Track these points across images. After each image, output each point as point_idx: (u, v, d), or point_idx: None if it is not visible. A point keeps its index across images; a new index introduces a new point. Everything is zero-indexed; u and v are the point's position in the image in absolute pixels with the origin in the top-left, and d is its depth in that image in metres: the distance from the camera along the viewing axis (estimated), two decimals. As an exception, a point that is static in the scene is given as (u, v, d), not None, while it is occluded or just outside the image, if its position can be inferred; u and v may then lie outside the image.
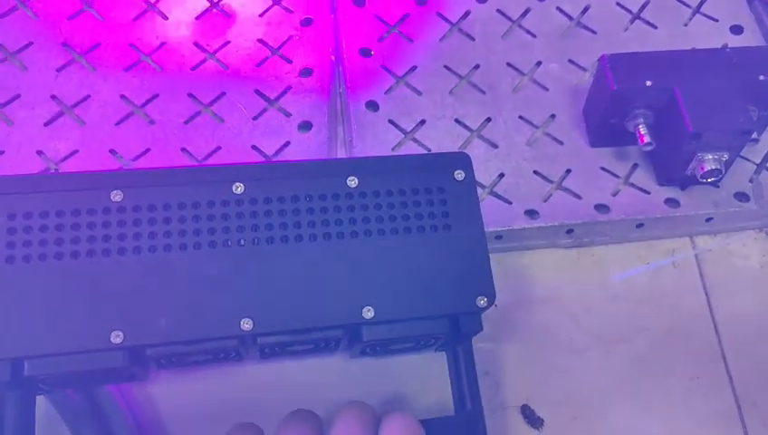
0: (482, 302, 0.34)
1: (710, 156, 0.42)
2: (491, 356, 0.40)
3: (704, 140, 0.41)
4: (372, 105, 0.47)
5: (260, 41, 0.49)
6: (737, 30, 0.52)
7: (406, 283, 0.34)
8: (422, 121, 0.47)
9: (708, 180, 0.43)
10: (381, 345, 0.35)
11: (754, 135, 0.41)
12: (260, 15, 0.50)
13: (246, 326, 0.32)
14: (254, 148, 0.45)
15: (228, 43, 0.49)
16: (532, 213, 0.44)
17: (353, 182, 0.35)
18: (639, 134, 0.43)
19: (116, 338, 0.31)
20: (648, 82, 0.41)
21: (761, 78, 0.42)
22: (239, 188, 0.34)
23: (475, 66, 0.49)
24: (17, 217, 0.32)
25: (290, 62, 0.48)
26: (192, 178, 0.34)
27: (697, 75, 0.42)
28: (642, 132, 0.43)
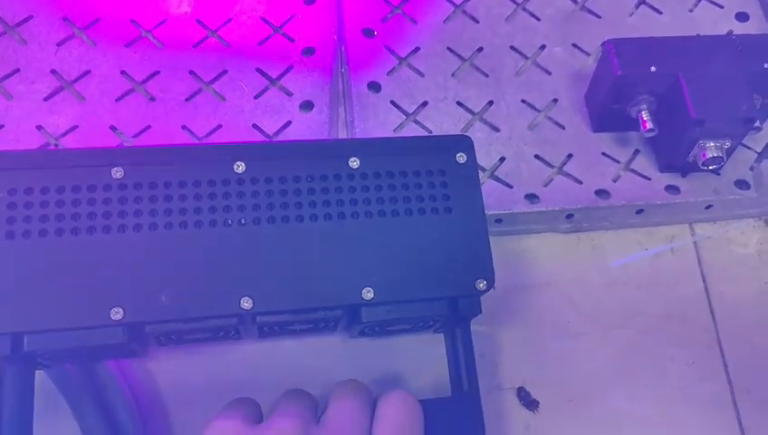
0: (481, 285, 0.34)
1: (712, 143, 0.42)
2: (488, 339, 0.40)
3: (706, 127, 0.41)
4: (374, 86, 0.47)
5: (262, 19, 0.49)
6: (743, 17, 0.52)
7: (406, 264, 0.34)
8: (424, 103, 0.46)
9: (709, 168, 0.43)
10: (380, 326, 0.36)
11: (757, 123, 0.41)
12: (262, -7, 0.50)
13: (246, 305, 0.32)
14: (254, 127, 0.45)
15: (230, 20, 0.48)
16: (532, 197, 0.44)
17: (355, 163, 0.35)
18: (642, 120, 0.43)
19: (116, 314, 0.31)
20: (653, 68, 0.41)
21: (766, 66, 0.41)
22: (240, 167, 0.34)
23: (479, 49, 0.49)
24: (18, 192, 0.32)
25: (292, 41, 0.48)
26: (193, 156, 0.34)
27: (702, 62, 0.42)
28: (645, 118, 0.43)
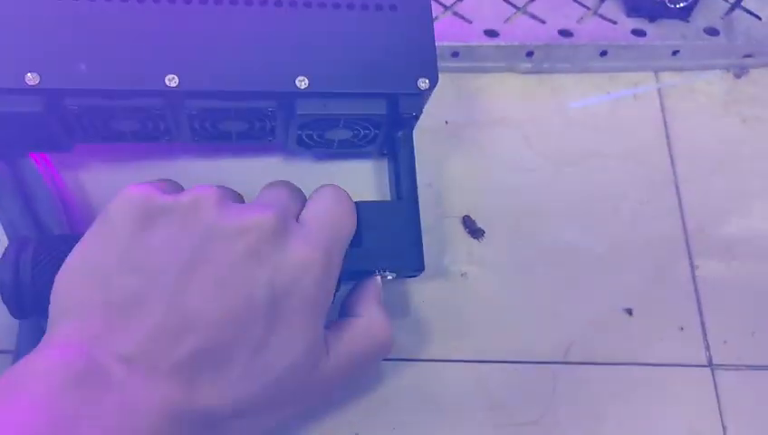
0: (423, 84, 0.33)
1: (680, -25, 0.40)
2: (435, 168, 0.39)
3: (673, -47, 0.39)
4: None
5: None
6: None
7: (344, 57, 0.33)
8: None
9: (678, 5, 0.41)
10: (317, 128, 0.34)
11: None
12: None
13: (171, 83, 0.31)
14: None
15: None
16: (491, 33, 0.42)
17: None
18: (609, -46, 0.41)
19: (32, 80, 0.29)
20: None
21: None
22: None
23: None
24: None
25: None
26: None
27: None
28: (611, -50, 0.41)
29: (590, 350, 0.36)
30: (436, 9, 0.42)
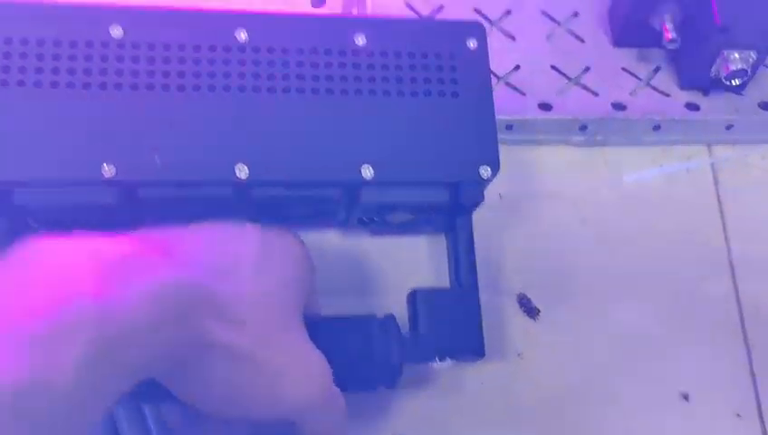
0: (484, 172, 0.33)
1: (737, 54, 0.40)
2: (489, 243, 0.39)
3: (731, 34, 0.39)
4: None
5: None
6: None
7: (408, 146, 0.33)
8: (440, 8, 0.45)
9: (733, 82, 0.41)
10: (379, 214, 0.35)
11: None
12: None
13: (241, 174, 0.31)
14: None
15: None
16: (545, 106, 0.42)
17: (361, 40, 0.34)
18: (665, 30, 0.41)
19: (107, 172, 0.30)
20: (679, -27, 0.39)
21: (799, -25, 0.39)
22: (243, 34, 0.33)
23: (499, -43, 0.47)
24: (14, 41, 0.31)
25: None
26: (195, 20, 0.33)
27: (731, -32, 0.40)
28: (668, 27, 0.41)
29: (646, 435, 0.36)
30: (490, 81, 0.43)
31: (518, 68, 0.43)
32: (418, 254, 0.39)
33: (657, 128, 0.43)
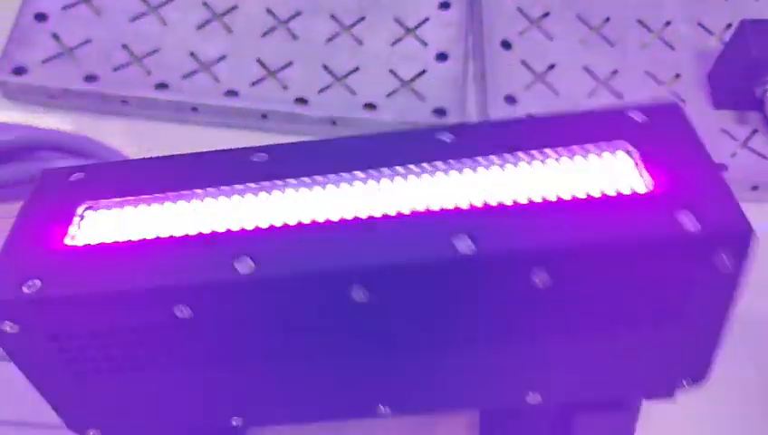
0: (684, 384, 0.28)
1: (838, 127, 0.43)
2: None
3: (835, 108, 0.42)
4: (506, 44, 0.49)
5: (401, -29, 0.51)
6: None
7: (591, 365, 0.27)
8: (551, 66, 0.48)
9: (831, 151, 0.44)
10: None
11: None
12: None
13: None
14: (390, 72, 0.47)
15: (370, -31, 0.50)
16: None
17: (540, 279, 0.24)
18: (767, 101, 0.44)
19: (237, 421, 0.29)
20: (789, 50, 0.43)
21: None
22: (359, 292, 0.24)
23: (606, 19, 0.51)
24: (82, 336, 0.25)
25: (428, -5, 0.50)
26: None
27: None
28: (771, 97, 0.44)
29: None
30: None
31: (626, 126, 0.47)
32: None
33: (755, 188, 0.46)
